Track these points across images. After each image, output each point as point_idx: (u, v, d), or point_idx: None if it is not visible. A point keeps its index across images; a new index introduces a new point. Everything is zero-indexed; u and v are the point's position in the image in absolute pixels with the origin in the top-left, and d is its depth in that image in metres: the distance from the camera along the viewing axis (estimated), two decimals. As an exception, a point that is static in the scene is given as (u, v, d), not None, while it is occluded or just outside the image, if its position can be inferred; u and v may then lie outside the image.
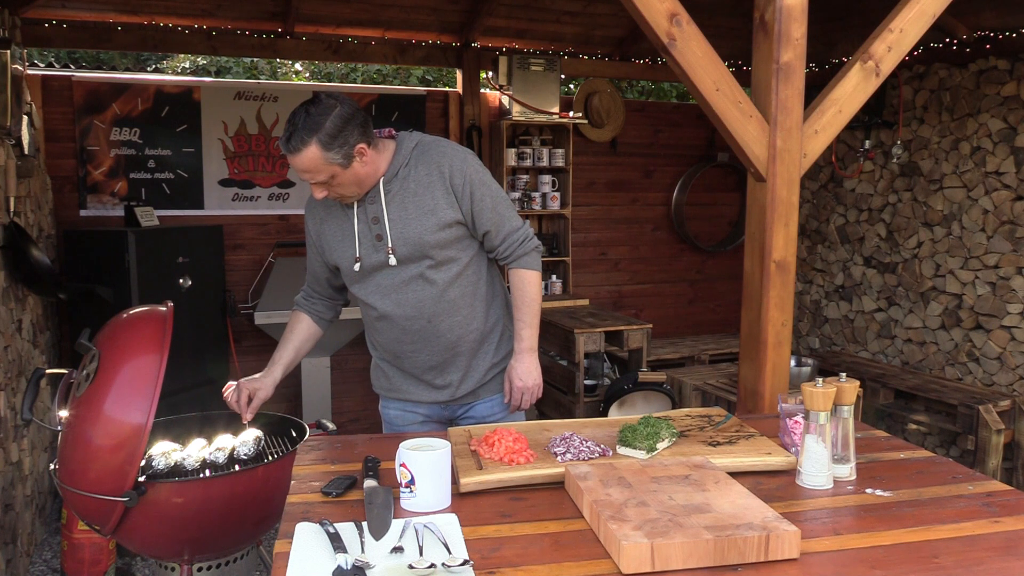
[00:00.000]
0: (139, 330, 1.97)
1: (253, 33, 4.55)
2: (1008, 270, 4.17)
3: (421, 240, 1.99)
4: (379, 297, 2.06)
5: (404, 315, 2.05)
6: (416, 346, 2.10)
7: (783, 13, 2.17)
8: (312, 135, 1.83)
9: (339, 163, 1.88)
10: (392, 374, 2.20)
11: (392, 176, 2.00)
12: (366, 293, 2.09)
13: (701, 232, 5.81)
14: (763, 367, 2.30)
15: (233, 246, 4.65)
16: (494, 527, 1.34)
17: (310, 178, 1.90)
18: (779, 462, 1.60)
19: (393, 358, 2.17)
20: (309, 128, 1.83)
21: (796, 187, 2.27)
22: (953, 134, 4.44)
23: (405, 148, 2.02)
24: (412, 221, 1.99)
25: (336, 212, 2.08)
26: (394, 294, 2.05)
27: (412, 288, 2.04)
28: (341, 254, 2.08)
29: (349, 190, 1.95)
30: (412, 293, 2.04)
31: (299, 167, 1.88)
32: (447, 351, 2.10)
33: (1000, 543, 1.29)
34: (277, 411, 2.67)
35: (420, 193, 1.99)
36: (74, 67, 5.06)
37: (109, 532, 1.94)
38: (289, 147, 1.85)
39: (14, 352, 3.09)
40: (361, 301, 2.14)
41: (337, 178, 1.91)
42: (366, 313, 2.16)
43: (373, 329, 2.17)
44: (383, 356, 2.21)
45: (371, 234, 2.02)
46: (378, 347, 2.21)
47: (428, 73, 9.24)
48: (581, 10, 4.79)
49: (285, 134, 1.86)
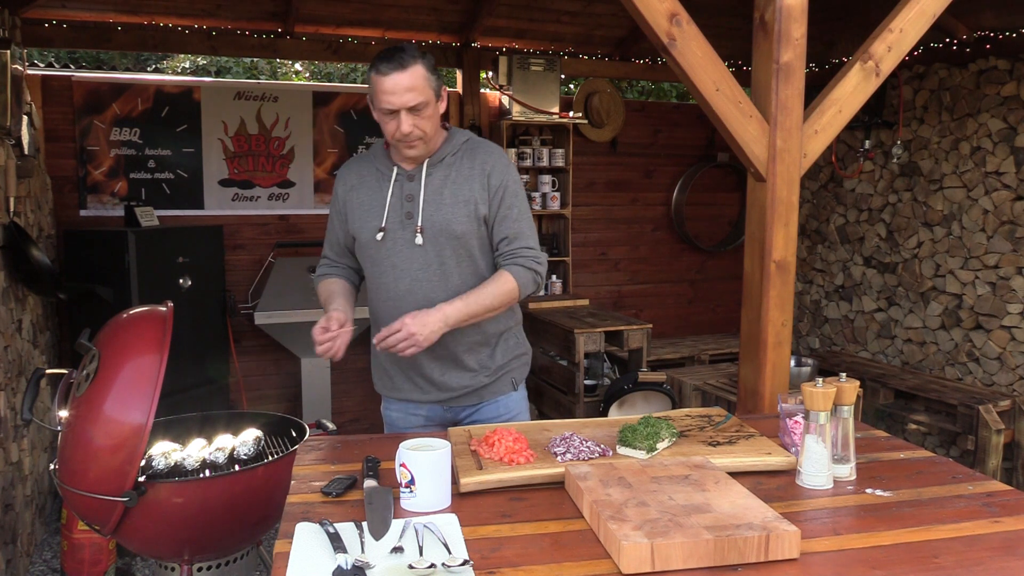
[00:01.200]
0: (139, 330, 1.97)
1: (253, 33, 4.55)
2: (1008, 270, 4.17)
3: (450, 228, 2.00)
4: (394, 276, 2.05)
5: (415, 301, 2.03)
6: None
7: (783, 13, 2.17)
8: (420, 56, 1.92)
9: (434, 90, 1.94)
10: (394, 372, 2.18)
11: (438, 161, 2.04)
12: (380, 270, 2.07)
13: (701, 232, 5.81)
14: (763, 367, 2.30)
15: (233, 246, 4.65)
16: (494, 527, 1.34)
17: (411, 99, 1.89)
18: (779, 462, 1.60)
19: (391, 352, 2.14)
20: (415, 52, 1.91)
21: (796, 187, 2.27)
22: (953, 134, 4.44)
23: (457, 139, 2.08)
24: (446, 207, 2.01)
25: (369, 181, 2.08)
26: (410, 276, 2.03)
27: (429, 275, 2.03)
28: (364, 223, 2.07)
29: (429, 127, 1.95)
30: (427, 281, 2.02)
31: (403, 84, 1.88)
32: (451, 348, 2.08)
33: (1000, 543, 1.29)
34: (277, 411, 2.67)
35: (459, 183, 2.03)
36: (74, 67, 5.06)
37: (109, 532, 1.94)
38: (398, 62, 1.87)
39: (14, 352, 3.09)
40: (373, 281, 2.12)
41: (425, 111, 1.93)
42: (375, 298, 2.14)
43: (378, 319, 2.14)
44: (387, 353, 2.18)
45: (402, 210, 2.03)
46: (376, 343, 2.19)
47: (428, 73, 9.22)
48: (581, 10, 4.79)
49: (387, 57, 1.89)
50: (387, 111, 1.92)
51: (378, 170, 2.09)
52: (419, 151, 1.99)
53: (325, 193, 4.85)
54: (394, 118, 1.92)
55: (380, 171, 2.08)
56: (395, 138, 1.95)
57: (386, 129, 1.96)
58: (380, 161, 2.10)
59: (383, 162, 2.09)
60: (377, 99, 1.93)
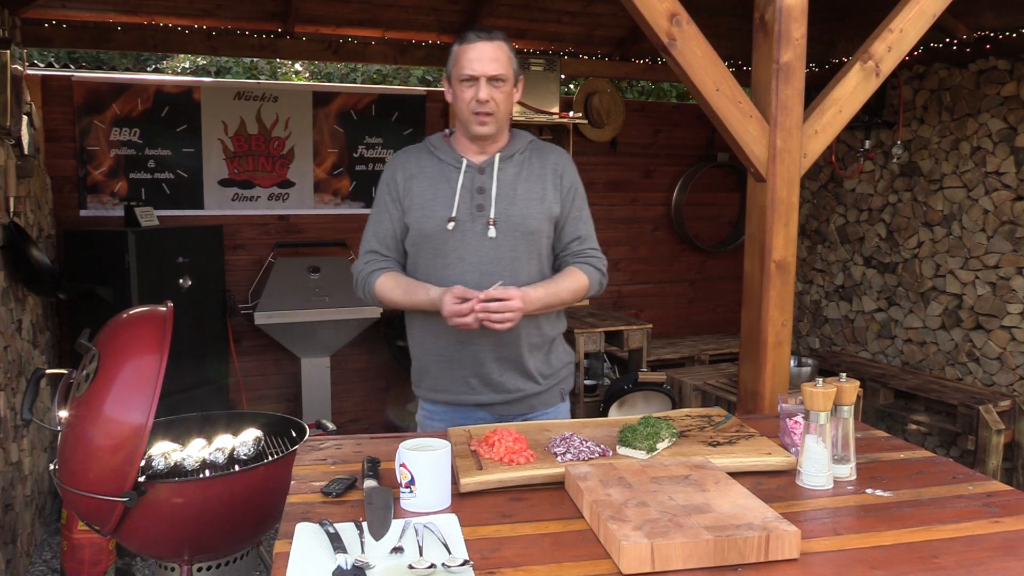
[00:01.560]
0: (139, 330, 1.97)
1: (253, 33, 4.55)
2: (1008, 270, 4.17)
3: (525, 223, 2.00)
4: (461, 269, 1.98)
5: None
6: (481, 338, 1.99)
7: (783, 13, 2.17)
8: (506, 40, 1.99)
9: (514, 70, 1.99)
10: (440, 372, 2.07)
11: (508, 156, 2.05)
12: (447, 262, 2.00)
13: (701, 232, 5.81)
14: (763, 367, 2.30)
15: (233, 246, 4.65)
16: (494, 527, 1.34)
17: (493, 68, 1.93)
18: (779, 462, 1.60)
19: (448, 350, 2.04)
20: (503, 35, 1.98)
21: (796, 187, 2.27)
22: (953, 134, 4.44)
23: (523, 138, 2.11)
24: (519, 202, 2.01)
25: (431, 172, 2.04)
26: (479, 270, 1.97)
27: (499, 270, 1.97)
28: (429, 213, 2.00)
29: (503, 107, 1.98)
30: (497, 275, 1.96)
31: (488, 53, 1.93)
32: (509, 349, 2.02)
33: (1000, 543, 1.29)
34: (277, 411, 2.67)
35: (531, 180, 2.04)
36: (74, 67, 5.07)
37: (109, 532, 1.94)
38: (486, 34, 1.95)
39: (14, 352, 3.09)
40: (435, 273, 2.00)
41: (503, 87, 1.96)
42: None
43: (432, 314, 2.00)
44: (434, 350, 2.07)
45: (472, 202, 2.00)
46: (430, 339, 2.07)
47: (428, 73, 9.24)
48: (581, 10, 4.78)
49: (475, 29, 1.97)
50: (467, 77, 1.93)
51: (442, 160, 2.05)
52: (490, 129, 1.98)
53: (325, 193, 4.85)
54: (472, 85, 1.94)
55: (445, 162, 2.04)
56: (470, 109, 1.95)
57: (462, 99, 1.96)
58: (444, 152, 2.06)
59: (448, 153, 2.06)
60: (458, 67, 1.95)
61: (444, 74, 2.05)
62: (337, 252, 4.77)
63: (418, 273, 2.05)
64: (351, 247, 4.84)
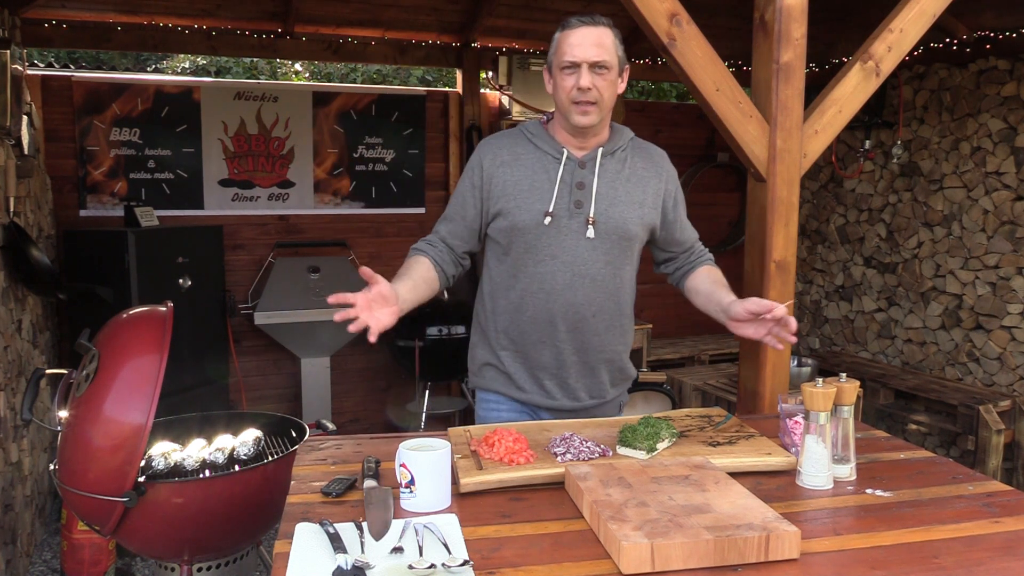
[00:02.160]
0: (139, 330, 1.97)
1: (253, 33, 4.55)
2: (1008, 270, 4.17)
3: (624, 226, 1.91)
4: (553, 267, 1.90)
5: (571, 299, 1.91)
6: (560, 341, 1.93)
7: (783, 13, 2.17)
8: (612, 27, 1.87)
9: (619, 60, 1.87)
10: (516, 372, 1.99)
11: (611, 152, 1.94)
12: (538, 258, 1.90)
13: (701, 232, 5.75)
14: (763, 367, 2.30)
15: (233, 246, 4.65)
16: (494, 527, 1.34)
17: (596, 54, 1.82)
18: (779, 462, 1.60)
19: (528, 348, 1.96)
20: (608, 21, 1.87)
21: (796, 187, 2.27)
22: (953, 134, 4.44)
23: (624, 134, 1.99)
24: (620, 203, 1.91)
25: (527, 162, 1.93)
26: (572, 270, 1.90)
27: (593, 272, 1.91)
28: (524, 204, 1.89)
29: (607, 95, 1.85)
30: (590, 279, 1.90)
31: (591, 39, 1.82)
32: (592, 356, 1.97)
33: (1000, 543, 1.29)
34: (277, 411, 2.67)
35: (634, 181, 1.94)
36: (74, 67, 5.07)
37: (109, 532, 1.94)
38: (590, 19, 1.84)
39: (14, 352, 3.09)
40: (523, 270, 1.92)
41: (607, 75, 1.84)
42: (516, 288, 1.94)
43: (520, 311, 1.94)
44: (508, 346, 1.99)
45: (570, 198, 1.90)
46: (503, 335, 1.99)
47: (428, 73, 9.25)
48: (581, 10, 4.78)
49: (579, 15, 1.86)
50: (569, 64, 1.82)
51: (539, 149, 1.94)
52: (592, 119, 1.85)
53: (325, 193, 4.85)
54: (574, 73, 1.83)
55: (544, 151, 1.93)
56: (571, 97, 1.83)
57: (563, 87, 1.85)
58: (543, 140, 1.95)
59: (547, 142, 1.94)
60: (560, 53, 1.84)
61: (544, 64, 1.94)
62: (337, 252, 4.77)
63: (508, 269, 1.96)
64: (351, 247, 4.85)
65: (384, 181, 4.97)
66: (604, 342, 1.98)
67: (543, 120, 2.01)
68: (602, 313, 1.96)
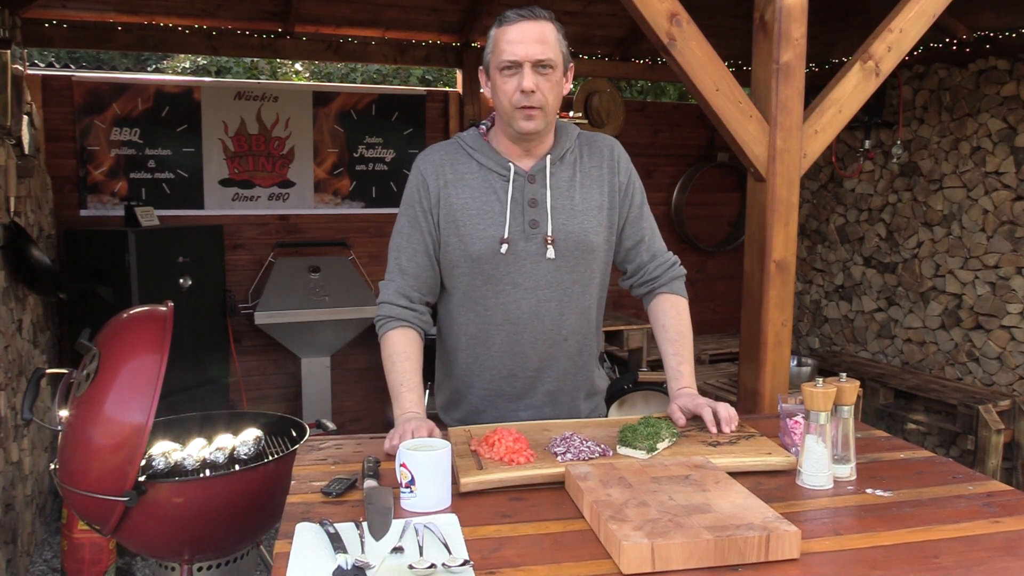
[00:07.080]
0: (139, 330, 1.97)
1: (253, 33, 4.55)
2: (1008, 270, 4.17)
3: (586, 239, 1.75)
4: (515, 296, 1.74)
5: (539, 327, 1.76)
6: (532, 371, 1.80)
7: (783, 13, 2.17)
8: (552, 19, 1.70)
9: (563, 54, 1.69)
10: (482, 405, 1.86)
11: (558, 158, 1.76)
12: (498, 288, 1.74)
13: (701, 232, 5.80)
14: (763, 367, 2.30)
15: (233, 246, 4.66)
16: (494, 527, 1.34)
17: (538, 51, 1.63)
18: (779, 462, 1.60)
19: (496, 383, 1.82)
20: (548, 14, 1.69)
21: (796, 187, 2.28)
22: (953, 134, 4.44)
23: (570, 133, 1.81)
24: (578, 213, 1.74)
25: (472, 182, 1.74)
26: (535, 296, 1.75)
27: (558, 296, 1.76)
28: (475, 232, 1.72)
29: (551, 97, 1.68)
30: (556, 302, 1.76)
31: (532, 36, 1.63)
32: (564, 381, 1.85)
33: (1000, 543, 1.29)
34: (277, 411, 2.67)
35: (588, 185, 1.77)
36: (74, 67, 5.06)
37: (109, 532, 1.94)
38: (528, 12, 1.65)
39: (14, 352, 3.09)
40: (483, 302, 1.77)
41: (551, 75, 1.66)
42: (480, 322, 1.78)
43: (486, 345, 1.79)
44: (474, 383, 1.84)
45: (524, 218, 1.72)
46: (468, 371, 1.84)
47: (428, 73, 9.25)
48: (581, 10, 4.78)
49: (517, 11, 1.66)
50: (508, 64, 1.63)
51: (483, 166, 1.75)
52: (537, 124, 1.68)
53: (325, 193, 4.85)
54: (515, 74, 1.64)
55: (488, 168, 1.75)
56: (513, 101, 1.65)
57: (504, 90, 1.66)
58: (485, 155, 1.76)
59: (490, 156, 1.75)
60: (498, 52, 1.65)
61: (480, 66, 1.76)
62: (337, 252, 4.77)
63: (463, 299, 1.79)
64: (351, 247, 4.85)
65: (384, 181, 4.97)
66: (577, 364, 1.86)
67: (481, 131, 1.81)
68: (574, 335, 1.82)
